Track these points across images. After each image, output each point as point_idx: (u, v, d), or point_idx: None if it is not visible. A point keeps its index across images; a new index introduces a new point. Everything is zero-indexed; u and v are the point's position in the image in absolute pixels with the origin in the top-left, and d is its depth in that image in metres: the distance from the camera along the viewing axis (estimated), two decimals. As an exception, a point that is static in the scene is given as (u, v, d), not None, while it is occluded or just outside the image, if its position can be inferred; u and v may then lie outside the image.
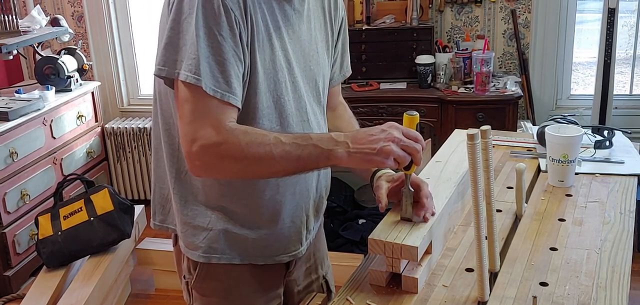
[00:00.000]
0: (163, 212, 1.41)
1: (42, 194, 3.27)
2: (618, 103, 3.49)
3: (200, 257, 1.34)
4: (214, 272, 1.36)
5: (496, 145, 1.99)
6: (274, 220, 1.34)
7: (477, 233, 1.17)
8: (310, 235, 1.45)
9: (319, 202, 1.45)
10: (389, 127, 1.18)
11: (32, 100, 3.21)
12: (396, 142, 1.16)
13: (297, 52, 1.30)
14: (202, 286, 1.39)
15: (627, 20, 3.61)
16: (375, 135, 1.17)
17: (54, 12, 3.94)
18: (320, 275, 1.58)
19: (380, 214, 1.34)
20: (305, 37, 1.32)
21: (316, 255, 1.56)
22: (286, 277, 1.46)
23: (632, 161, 1.81)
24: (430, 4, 3.51)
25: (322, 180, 1.43)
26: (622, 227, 1.45)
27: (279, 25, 1.25)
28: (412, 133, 1.19)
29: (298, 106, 1.30)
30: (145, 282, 3.17)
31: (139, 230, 3.05)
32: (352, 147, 1.16)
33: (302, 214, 1.38)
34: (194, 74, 1.13)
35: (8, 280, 3.06)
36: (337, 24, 1.46)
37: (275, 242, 1.36)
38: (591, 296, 1.19)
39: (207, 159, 1.17)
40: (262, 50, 1.22)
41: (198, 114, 1.15)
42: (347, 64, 1.54)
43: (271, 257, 1.37)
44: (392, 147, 1.15)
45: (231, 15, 1.14)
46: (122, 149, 3.90)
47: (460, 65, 3.34)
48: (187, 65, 1.14)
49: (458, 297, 1.23)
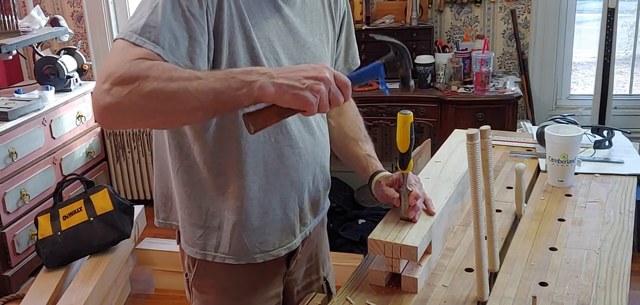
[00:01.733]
0: (165, 210, 1.42)
1: (41, 194, 3.27)
2: (618, 103, 3.49)
3: (197, 253, 1.36)
4: (211, 269, 1.37)
5: (496, 145, 1.99)
6: (266, 213, 1.33)
7: (477, 233, 1.17)
8: (307, 229, 1.44)
9: (316, 196, 1.43)
10: (322, 67, 1.08)
11: (31, 100, 3.21)
12: (327, 83, 1.06)
13: (288, 45, 1.28)
14: (201, 283, 1.40)
15: (627, 20, 3.61)
16: (306, 71, 1.07)
17: (53, 12, 3.94)
18: (321, 276, 1.58)
19: (380, 214, 1.34)
20: (299, 30, 1.30)
21: (318, 257, 1.55)
22: (286, 276, 1.46)
23: (631, 161, 1.81)
24: (429, 4, 3.51)
25: (318, 174, 1.41)
26: (622, 227, 1.45)
27: (266, 16, 1.23)
28: (341, 78, 1.10)
29: None
30: (145, 282, 3.17)
31: (139, 230, 3.05)
32: (277, 78, 1.05)
33: (295, 207, 1.37)
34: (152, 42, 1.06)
35: (8, 280, 3.06)
36: (339, 18, 1.44)
37: (269, 236, 1.35)
38: (591, 296, 1.19)
39: (118, 99, 1.03)
40: (234, 39, 1.18)
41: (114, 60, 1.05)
42: (354, 57, 1.52)
43: (268, 253, 1.37)
44: (321, 87, 1.06)
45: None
46: (121, 149, 3.90)
47: (460, 65, 3.34)
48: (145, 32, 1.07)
49: (458, 297, 1.23)
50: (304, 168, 1.35)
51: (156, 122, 1.14)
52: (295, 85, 1.04)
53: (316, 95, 1.05)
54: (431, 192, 1.40)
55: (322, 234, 1.57)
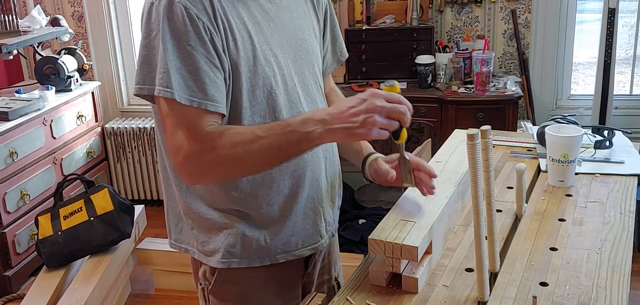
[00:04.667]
0: (176, 231, 1.41)
1: (42, 194, 3.27)
2: (618, 103, 3.49)
3: (219, 262, 1.33)
4: (232, 276, 1.35)
5: (496, 145, 1.99)
6: (286, 215, 1.33)
7: (477, 233, 1.16)
8: (331, 227, 1.44)
9: (332, 191, 1.43)
10: (370, 96, 1.11)
11: (32, 100, 3.21)
12: (379, 111, 1.10)
13: (283, 44, 1.28)
14: (220, 290, 1.38)
15: (627, 20, 3.61)
16: (356, 107, 1.11)
17: (54, 12, 3.94)
18: (333, 276, 1.57)
19: (380, 214, 1.34)
20: (289, 27, 1.30)
21: (330, 256, 1.55)
22: (304, 278, 1.46)
23: (632, 161, 1.81)
24: (430, 4, 3.51)
25: (328, 169, 1.41)
26: (622, 227, 1.45)
27: (257, 21, 1.24)
28: (394, 96, 1.12)
29: (290, 99, 1.29)
30: (145, 282, 3.17)
31: (139, 230, 3.05)
32: (331, 124, 1.11)
33: (315, 205, 1.37)
34: (165, 88, 1.14)
35: (8, 280, 3.06)
36: (322, 12, 1.43)
37: (291, 237, 1.35)
38: (591, 296, 1.19)
39: (192, 168, 1.18)
40: (242, 50, 1.20)
41: (178, 125, 1.17)
42: (341, 49, 1.52)
43: (291, 253, 1.36)
44: (375, 117, 1.09)
45: (198, 23, 1.14)
46: (122, 149, 3.90)
47: (460, 65, 3.34)
48: (159, 80, 1.15)
49: (458, 297, 1.23)
50: (315, 166, 1.35)
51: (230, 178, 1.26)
52: (349, 126, 1.10)
53: (371, 127, 1.10)
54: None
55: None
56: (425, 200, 1.38)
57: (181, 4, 1.14)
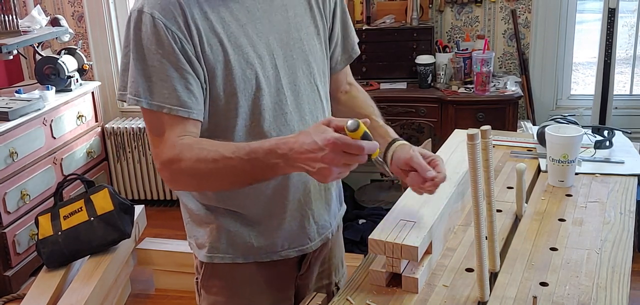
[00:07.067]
0: (185, 225, 1.45)
1: (42, 194, 3.27)
2: (618, 103, 3.49)
3: (204, 256, 1.37)
4: (217, 271, 1.38)
5: (496, 145, 1.99)
6: (271, 216, 1.33)
7: (477, 233, 1.16)
8: (325, 231, 1.42)
9: (326, 193, 1.42)
10: (330, 149, 1.06)
11: (32, 100, 3.21)
12: (335, 163, 1.07)
13: (271, 45, 1.26)
14: (208, 284, 1.41)
15: (627, 20, 3.61)
16: (314, 153, 1.07)
17: (54, 12, 3.94)
18: (333, 281, 1.56)
19: (380, 214, 1.34)
20: (281, 27, 1.29)
21: (331, 261, 1.54)
22: (297, 280, 1.45)
23: (632, 161, 1.81)
24: (430, 4, 3.51)
25: None
26: (622, 227, 1.45)
27: (241, 23, 1.23)
28: (354, 147, 1.07)
29: (275, 101, 1.27)
30: (145, 282, 3.17)
31: (139, 230, 3.05)
32: (293, 162, 1.11)
33: (302, 207, 1.36)
34: (134, 96, 1.18)
35: (8, 280, 3.06)
36: (329, 8, 1.40)
37: (277, 238, 1.35)
38: (591, 296, 1.19)
39: (168, 175, 1.22)
40: (220, 54, 1.20)
41: (155, 132, 1.21)
42: (353, 46, 1.49)
43: (277, 253, 1.37)
44: (332, 169, 1.07)
45: (167, 33, 1.16)
46: (122, 149, 3.90)
47: (461, 65, 3.34)
48: (129, 88, 1.19)
49: (458, 297, 1.23)
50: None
51: (202, 189, 1.31)
52: (307, 169, 1.10)
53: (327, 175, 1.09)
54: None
55: (338, 239, 1.57)
56: (426, 201, 1.38)
57: (150, 14, 1.16)
